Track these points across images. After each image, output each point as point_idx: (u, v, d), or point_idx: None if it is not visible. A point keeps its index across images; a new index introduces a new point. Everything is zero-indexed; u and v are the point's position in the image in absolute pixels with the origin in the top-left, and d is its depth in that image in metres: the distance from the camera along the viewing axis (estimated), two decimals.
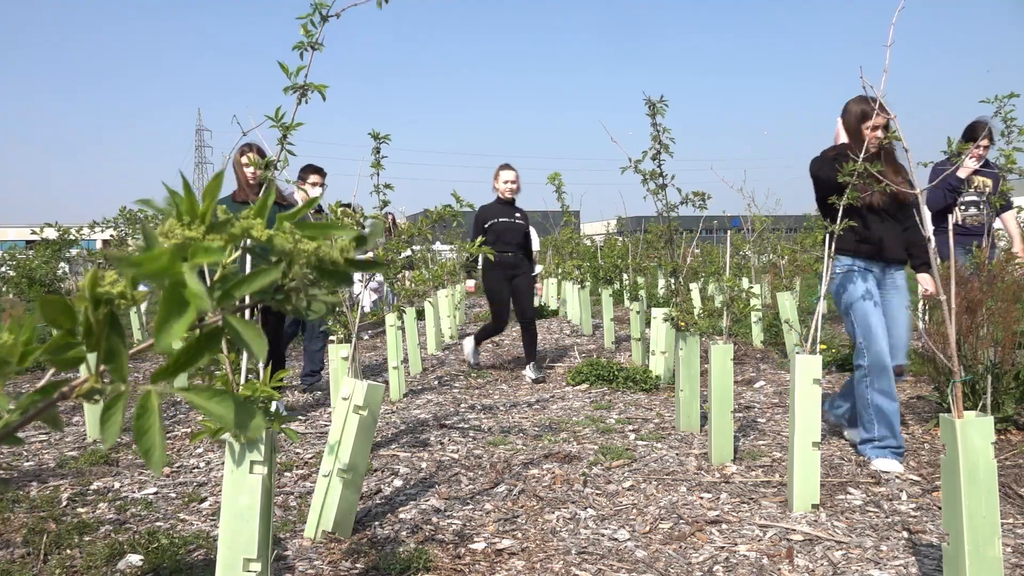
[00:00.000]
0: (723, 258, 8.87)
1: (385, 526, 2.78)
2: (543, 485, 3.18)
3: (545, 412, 4.60)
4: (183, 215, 0.62)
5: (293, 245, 0.65)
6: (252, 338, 0.63)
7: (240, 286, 0.62)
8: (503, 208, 5.90)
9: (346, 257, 0.68)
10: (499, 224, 5.81)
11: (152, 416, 0.62)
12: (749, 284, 7.73)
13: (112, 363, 0.61)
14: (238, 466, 1.95)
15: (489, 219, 5.82)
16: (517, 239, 5.86)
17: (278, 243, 0.65)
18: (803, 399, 2.78)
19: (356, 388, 2.63)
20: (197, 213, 0.62)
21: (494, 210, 5.89)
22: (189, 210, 0.62)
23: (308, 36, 2.29)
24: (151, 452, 0.62)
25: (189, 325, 0.57)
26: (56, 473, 3.53)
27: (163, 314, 0.56)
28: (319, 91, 2.31)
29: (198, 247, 0.59)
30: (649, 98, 4.05)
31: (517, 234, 5.86)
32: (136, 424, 0.62)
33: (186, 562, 2.47)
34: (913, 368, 5.51)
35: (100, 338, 0.60)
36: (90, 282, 0.59)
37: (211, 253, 0.59)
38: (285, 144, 2.30)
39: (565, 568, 2.38)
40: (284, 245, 0.65)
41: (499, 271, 5.81)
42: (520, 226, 5.91)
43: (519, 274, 5.87)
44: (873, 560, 2.40)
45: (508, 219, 5.85)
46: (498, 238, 5.76)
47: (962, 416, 1.93)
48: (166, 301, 0.57)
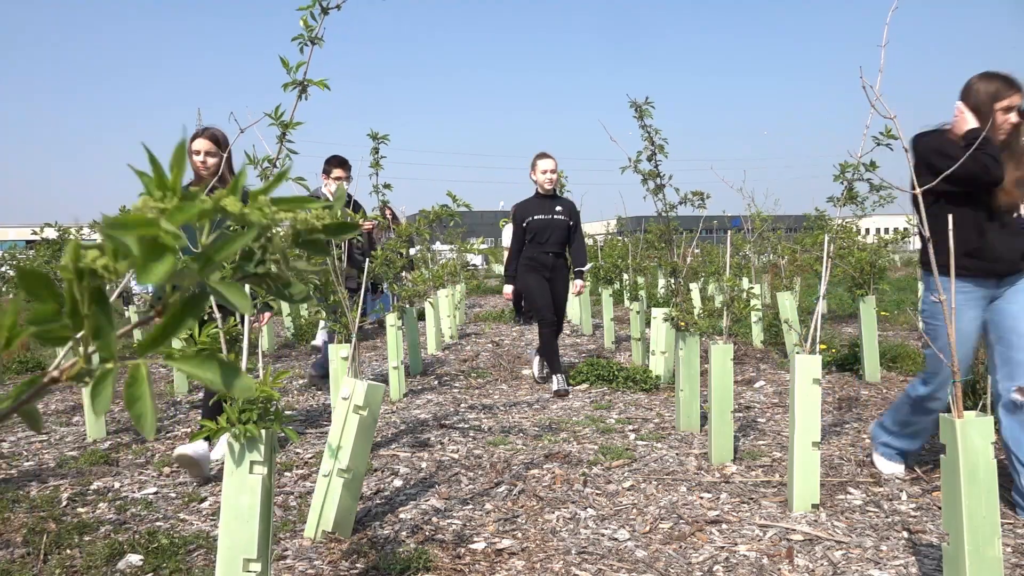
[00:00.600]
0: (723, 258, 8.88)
1: (385, 526, 2.78)
2: (543, 485, 3.18)
3: (545, 412, 4.60)
4: (154, 191, 0.61)
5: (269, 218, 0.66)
6: (236, 296, 0.63)
7: (220, 249, 0.62)
8: (541, 203, 5.28)
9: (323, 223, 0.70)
10: (536, 222, 5.25)
11: (142, 385, 0.62)
12: (749, 284, 7.74)
13: (100, 339, 0.61)
14: (238, 466, 1.95)
15: (526, 216, 5.28)
16: (557, 237, 5.25)
17: (253, 218, 0.65)
18: (803, 399, 2.78)
19: (356, 388, 2.63)
20: (167, 185, 0.62)
21: (531, 206, 5.31)
22: (159, 184, 0.62)
23: (308, 30, 2.28)
24: (143, 417, 0.63)
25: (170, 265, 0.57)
26: (56, 473, 3.53)
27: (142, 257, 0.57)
28: (320, 86, 2.30)
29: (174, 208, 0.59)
30: (634, 100, 4.05)
31: (557, 232, 5.25)
32: (127, 392, 0.62)
33: (186, 562, 2.47)
34: (913, 368, 5.52)
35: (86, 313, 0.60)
36: (72, 255, 0.58)
37: (187, 211, 0.59)
38: (285, 142, 2.30)
39: (565, 568, 2.38)
40: (260, 219, 0.65)
41: (535, 271, 5.30)
42: (560, 223, 5.26)
43: (555, 277, 5.31)
44: (873, 560, 2.40)
45: (546, 215, 5.25)
46: (534, 237, 5.25)
47: (962, 416, 1.93)
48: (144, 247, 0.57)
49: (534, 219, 5.25)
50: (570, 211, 5.32)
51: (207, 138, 3.59)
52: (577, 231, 5.35)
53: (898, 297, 10.71)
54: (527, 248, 5.32)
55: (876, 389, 4.98)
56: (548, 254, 5.25)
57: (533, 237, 5.24)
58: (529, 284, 5.27)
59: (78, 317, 0.60)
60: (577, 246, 5.37)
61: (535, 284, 5.26)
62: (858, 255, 5.65)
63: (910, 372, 5.47)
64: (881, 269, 5.85)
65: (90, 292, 0.60)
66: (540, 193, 5.30)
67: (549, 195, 5.30)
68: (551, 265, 5.27)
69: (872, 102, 2.37)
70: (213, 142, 3.57)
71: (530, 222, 5.26)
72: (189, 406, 4.94)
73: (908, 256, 18.53)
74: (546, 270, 5.26)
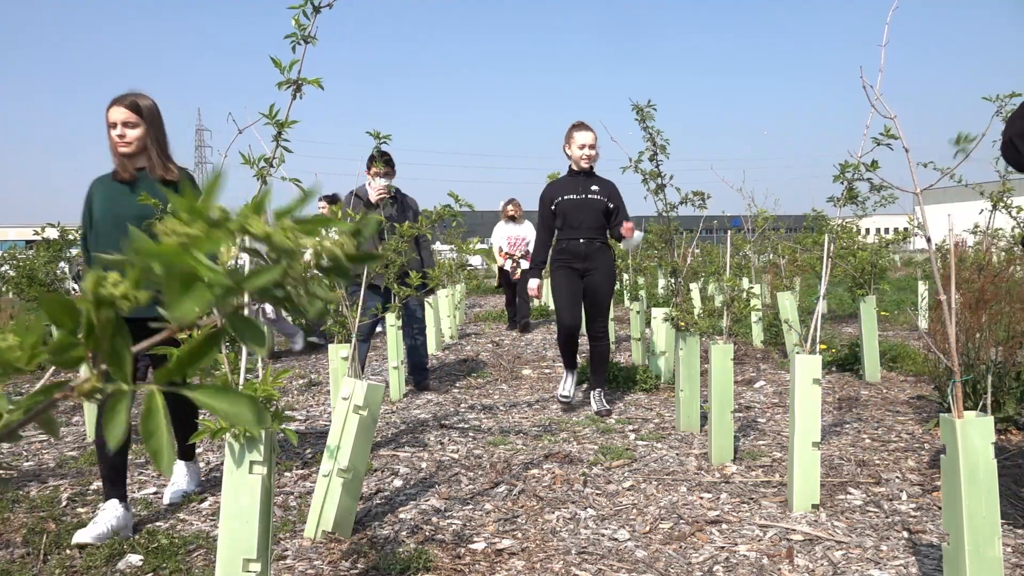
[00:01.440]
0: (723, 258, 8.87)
1: (385, 526, 2.78)
2: (543, 485, 3.18)
3: (545, 412, 4.59)
4: (182, 214, 0.61)
5: (293, 241, 0.65)
6: (254, 334, 0.63)
7: (249, 280, 0.62)
8: (575, 182, 4.43)
9: (346, 252, 0.69)
10: (566, 203, 4.38)
11: (158, 416, 0.62)
12: (749, 284, 7.73)
13: (115, 364, 0.61)
14: (238, 466, 1.95)
15: (555, 197, 4.43)
16: (593, 220, 4.35)
17: (277, 240, 0.65)
18: (803, 399, 2.77)
19: (356, 388, 2.63)
20: (197, 211, 0.62)
21: (562, 185, 4.46)
22: (188, 208, 0.62)
23: (301, 28, 2.28)
24: (159, 454, 0.62)
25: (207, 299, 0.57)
26: (56, 473, 3.53)
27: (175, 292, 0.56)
28: (315, 84, 2.29)
29: (200, 239, 0.59)
30: (636, 103, 4.05)
31: (593, 214, 4.35)
32: (143, 426, 0.62)
33: (186, 562, 2.47)
34: (913, 368, 5.51)
35: (103, 340, 0.60)
36: (93, 284, 0.59)
37: (214, 241, 0.59)
38: (280, 141, 2.30)
39: (565, 568, 2.38)
40: (283, 242, 0.65)
41: (565, 264, 4.42)
42: (596, 203, 4.37)
43: (594, 269, 4.40)
44: (873, 560, 2.40)
45: (579, 195, 4.37)
46: (565, 221, 4.40)
47: (962, 416, 1.93)
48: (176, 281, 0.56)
49: (564, 199, 4.37)
50: (610, 191, 4.42)
51: (126, 106, 2.85)
52: (619, 215, 4.44)
53: (898, 297, 10.70)
54: (558, 236, 4.50)
55: (876, 389, 4.98)
56: (582, 241, 4.37)
57: (564, 221, 4.39)
58: (556, 281, 4.45)
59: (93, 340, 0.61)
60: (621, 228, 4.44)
61: (561, 280, 4.42)
62: (858, 255, 5.65)
63: (910, 372, 5.47)
64: (881, 269, 5.85)
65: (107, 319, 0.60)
66: (574, 171, 4.46)
67: (584, 172, 4.44)
68: (584, 254, 4.37)
69: (872, 102, 2.36)
70: (134, 111, 2.85)
71: (560, 203, 4.39)
72: None
73: (908, 256, 18.52)
74: (579, 260, 4.38)
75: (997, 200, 4.81)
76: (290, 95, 2.28)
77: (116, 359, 0.61)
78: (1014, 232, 5.16)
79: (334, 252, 0.68)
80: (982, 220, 5.34)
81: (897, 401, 4.62)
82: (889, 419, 4.18)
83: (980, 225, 5.79)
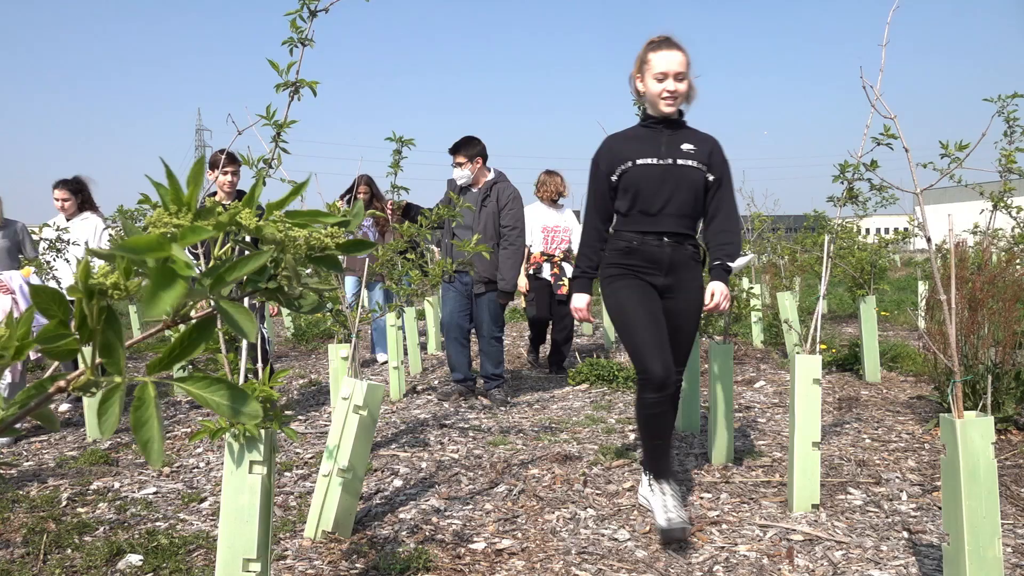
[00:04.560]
0: None
1: (385, 526, 2.78)
2: (543, 485, 3.18)
3: (545, 412, 4.59)
4: (169, 205, 0.62)
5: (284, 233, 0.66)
6: (244, 320, 0.63)
7: (232, 270, 0.62)
8: (652, 136, 2.72)
9: (336, 241, 0.69)
10: (639, 171, 2.68)
11: (149, 407, 0.62)
12: (749, 284, 7.73)
13: (109, 356, 0.61)
14: (238, 466, 1.95)
15: (620, 161, 2.73)
16: (683, 203, 2.68)
17: (268, 232, 0.65)
18: (803, 399, 2.77)
19: (356, 388, 2.63)
20: (183, 201, 0.62)
21: (631, 141, 2.76)
22: (174, 198, 0.62)
23: (298, 32, 2.30)
24: (150, 444, 0.62)
25: (179, 295, 0.57)
26: (56, 473, 3.53)
27: (152, 285, 0.57)
28: (312, 86, 2.31)
29: (186, 229, 0.59)
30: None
31: (684, 192, 2.67)
32: (134, 416, 0.62)
33: (186, 562, 2.47)
34: (913, 368, 5.51)
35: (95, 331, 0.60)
36: (82, 273, 0.59)
37: (199, 232, 0.59)
38: (279, 142, 2.31)
39: (565, 568, 2.38)
40: (274, 234, 0.65)
41: (631, 273, 2.72)
42: (690, 173, 2.67)
43: (679, 289, 2.73)
44: (873, 560, 2.40)
45: (662, 159, 2.67)
46: (636, 202, 2.69)
47: (962, 416, 1.93)
48: (155, 273, 0.57)
49: (635, 166, 2.69)
50: (710, 152, 2.72)
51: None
52: (722, 191, 2.73)
53: (898, 297, 10.71)
54: (621, 227, 2.80)
55: (876, 389, 4.98)
56: (662, 238, 2.69)
57: (634, 203, 2.69)
58: (620, 301, 2.70)
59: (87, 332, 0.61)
60: (722, 219, 2.72)
61: (631, 302, 2.68)
62: (858, 255, 5.65)
63: (910, 372, 5.47)
64: (881, 269, 5.85)
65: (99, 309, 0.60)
66: (650, 118, 2.74)
67: (669, 122, 2.72)
68: (667, 262, 2.70)
69: (872, 102, 2.36)
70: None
71: (628, 172, 2.70)
72: (189, 406, 4.94)
73: (908, 256, 18.52)
74: (656, 271, 2.71)
75: (997, 200, 4.81)
76: (288, 97, 2.29)
77: (109, 350, 0.61)
78: (1014, 232, 5.16)
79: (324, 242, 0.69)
80: (982, 220, 5.34)
81: (897, 401, 4.62)
82: (889, 419, 4.18)
83: (980, 225, 5.79)
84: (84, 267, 0.59)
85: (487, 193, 4.78)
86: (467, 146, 4.79)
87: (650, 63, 2.68)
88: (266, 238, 0.65)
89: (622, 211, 2.78)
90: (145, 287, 0.57)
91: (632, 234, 2.73)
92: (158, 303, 0.56)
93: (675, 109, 2.72)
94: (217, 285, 0.62)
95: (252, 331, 0.63)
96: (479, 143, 4.82)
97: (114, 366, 0.61)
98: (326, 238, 0.68)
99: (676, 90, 2.65)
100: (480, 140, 4.85)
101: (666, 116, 2.72)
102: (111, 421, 0.61)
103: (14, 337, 0.61)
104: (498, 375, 4.99)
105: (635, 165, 2.70)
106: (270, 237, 0.65)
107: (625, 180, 2.72)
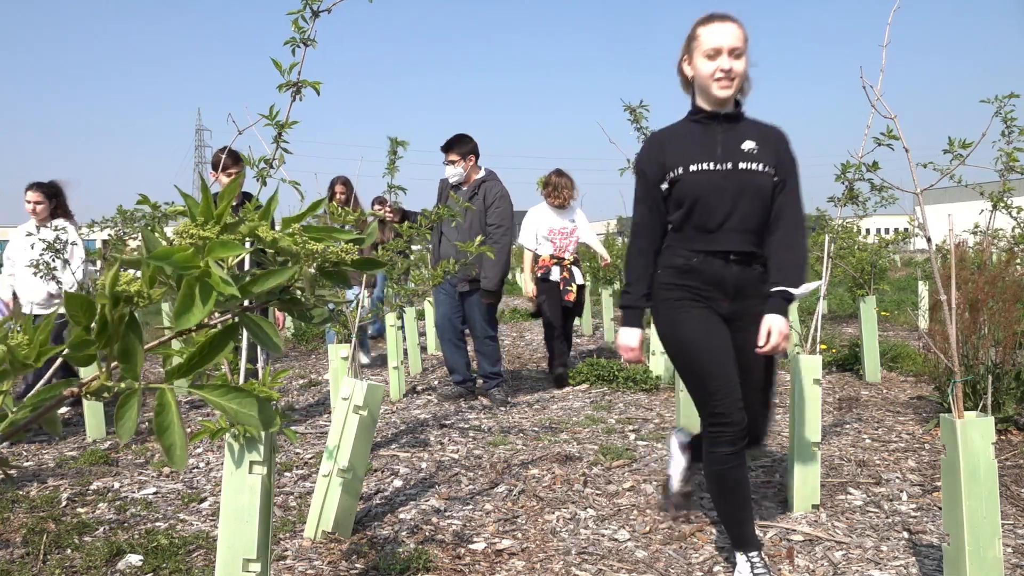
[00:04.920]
0: None
1: (385, 526, 2.78)
2: (543, 485, 3.18)
3: (545, 412, 4.59)
4: (197, 216, 0.62)
5: (300, 247, 0.66)
6: (270, 333, 0.64)
7: (256, 284, 0.63)
8: (707, 133, 2.26)
9: (351, 258, 0.70)
10: (697, 178, 2.23)
11: (170, 412, 0.63)
12: None
13: (127, 362, 0.62)
14: (238, 466, 1.95)
15: (674, 164, 2.27)
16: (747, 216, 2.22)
17: (285, 245, 0.66)
18: (803, 399, 2.77)
19: (356, 388, 2.63)
20: (212, 214, 0.62)
21: (683, 138, 2.30)
22: (205, 211, 0.62)
23: (300, 32, 2.30)
24: (172, 448, 0.63)
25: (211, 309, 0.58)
26: (56, 473, 3.53)
27: (185, 297, 0.57)
28: (314, 87, 2.31)
29: (216, 243, 0.60)
30: (628, 104, 4.05)
31: (749, 199, 2.22)
32: (156, 421, 0.63)
33: (186, 562, 2.47)
34: (913, 368, 5.51)
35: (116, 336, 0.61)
36: (110, 280, 0.59)
37: (230, 248, 0.60)
38: (280, 142, 2.31)
39: (565, 568, 2.38)
40: (291, 247, 0.66)
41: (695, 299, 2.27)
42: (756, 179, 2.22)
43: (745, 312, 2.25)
44: (873, 560, 2.40)
45: (721, 163, 2.22)
46: (693, 213, 2.25)
47: (963, 416, 1.93)
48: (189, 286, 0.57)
49: (692, 172, 2.24)
50: (777, 150, 2.27)
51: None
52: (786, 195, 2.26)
53: (898, 297, 10.71)
54: (674, 242, 2.33)
55: (876, 389, 4.98)
56: (731, 258, 2.25)
57: (691, 214, 2.25)
58: (682, 331, 2.26)
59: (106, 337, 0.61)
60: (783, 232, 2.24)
61: (697, 331, 2.25)
62: (858, 255, 5.65)
63: (910, 372, 5.47)
64: (881, 269, 5.85)
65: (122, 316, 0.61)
66: (702, 111, 2.28)
67: (725, 117, 2.26)
68: (734, 283, 2.26)
69: (872, 102, 2.36)
70: None
71: (684, 178, 2.25)
72: (189, 406, 4.94)
73: (908, 256, 18.53)
74: (721, 295, 2.27)
75: (997, 200, 4.81)
76: (289, 97, 2.29)
77: (127, 356, 0.62)
78: (1014, 232, 5.17)
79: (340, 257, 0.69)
80: (982, 220, 5.33)
81: (897, 401, 4.62)
82: (889, 419, 4.18)
83: (980, 225, 5.79)
84: (113, 274, 0.59)
85: (475, 191, 4.76)
86: (460, 144, 4.78)
87: (699, 39, 2.22)
88: (283, 251, 0.66)
89: (676, 224, 2.30)
90: (179, 298, 0.57)
91: (691, 250, 2.26)
92: (191, 315, 0.57)
93: (732, 93, 2.22)
94: (242, 297, 0.63)
95: (278, 345, 0.65)
96: (471, 141, 4.82)
97: (131, 371, 0.62)
98: (342, 254, 0.69)
99: (732, 69, 2.17)
100: (472, 138, 4.84)
101: (722, 103, 2.23)
102: (129, 425, 0.62)
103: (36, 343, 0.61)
104: (496, 373, 4.96)
105: (692, 171, 2.24)
106: (287, 250, 0.66)
107: (682, 186, 2.24)
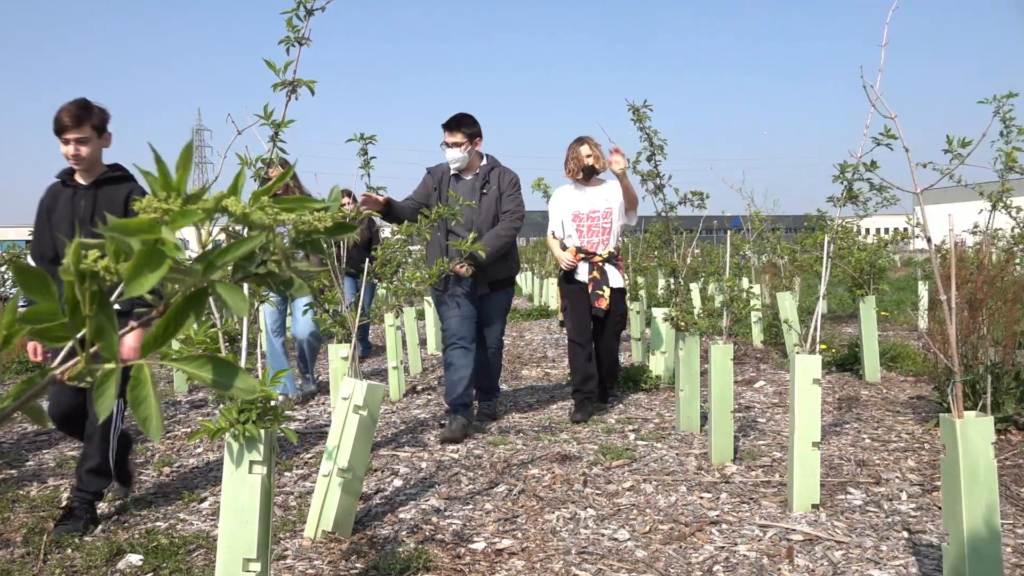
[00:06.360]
0: (723, 258, 8.86)
1: (385, 526, 2.78)
2: (543, 485, 3.18)
3: (545, 412, 4.59)
4: (158, 191, 0.62)
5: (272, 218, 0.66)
6: (235, 300, 0.64)
7: (223, 254, 0.63)
8: None
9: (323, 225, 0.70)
10: None
11: (146, 386, 0.63)
12: (749, 284, 7.73)
13: (102, 340, 0.61)
14: (238, 466, 1.95)
15: None
16: None
17: (255, 217, 0.65)
18: (803, 399, 2.77)
19: (356, 388, 2.63)
20: (171, 186, 0.62)
21: None
22: (163, 184, 0.62)
23: (294, 31, 2.30)
24: (148, 420, 0.63)
25: (162, 275, 0.57)
26: (56, 473, 3.53)
27: (136, 264, 0.57)
28: (309, 85, 2.31)
29: (176, 213, 0.60)
30: (632, 104, 4.05)
31: None
32: (131, 395, 0.62)
33: (186, 562, 2.47)
34: (913, 368, 5.51)
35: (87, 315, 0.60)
36: (73, 256, 0.58)
37: (189, 216, 0.60)
38: (277, 141, 2.31)
39: (565, 568, 2.38)
40: (262, 219, 0.66)
41: None
42: None
43: None
44: (873, 560, 2.40)
45: None
46: None
47: (962, 416, 1.93)
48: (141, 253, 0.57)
49: None
50: None
51: None
52: None
53: (898, 297, 10.70)
54: None
55: (876, 389, 4.98)
56: None
57: None
58: None
59: (79, 317, 0.60)
60: None
61: None
62: (858, 255, 5.65)
63: (910, 372, 5.47)
64: (881, 269, 5.85)
65: (91, 294, 0.60)
66: None
67: None
68: None
69: (872, 102, 2.36)
70: None
71: None
72: (189, 405, 4.93)
73: (908, 256, 18.52)
74: None
75: (997, 200, 4.81)
76: (285, 96, 2.29)
77: (102, 334, 0.61)
78: (1014, 232, 5.17)
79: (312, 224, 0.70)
80: (982, 220, 5.33)
81: (897, 401, 4.62)
82: (889, 419, 4.18)
83: (980, 225, 5.79)
84: (76, 249, 0.58)
85: (486, 179, 4.12)
86: (467, 123, 4.04)
87: None
88: (254, 224, 0.65)
89: None
90: (129, 264, 0.57)
91: None
92: (141, 282, 0.56)
93: None
94: (209, 270, 0.62)
95: (244, 308, 0.64)
96: (477, 122, 4.12)
97: (108, 350, 0.61)
98: (315, 222, 0.70)
99: None
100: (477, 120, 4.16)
101: None
102: (107, 403, 0.61)
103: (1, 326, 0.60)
104: (495, 387, 4.53)
105: None
106: (258, 223, 0.65)
107: None
